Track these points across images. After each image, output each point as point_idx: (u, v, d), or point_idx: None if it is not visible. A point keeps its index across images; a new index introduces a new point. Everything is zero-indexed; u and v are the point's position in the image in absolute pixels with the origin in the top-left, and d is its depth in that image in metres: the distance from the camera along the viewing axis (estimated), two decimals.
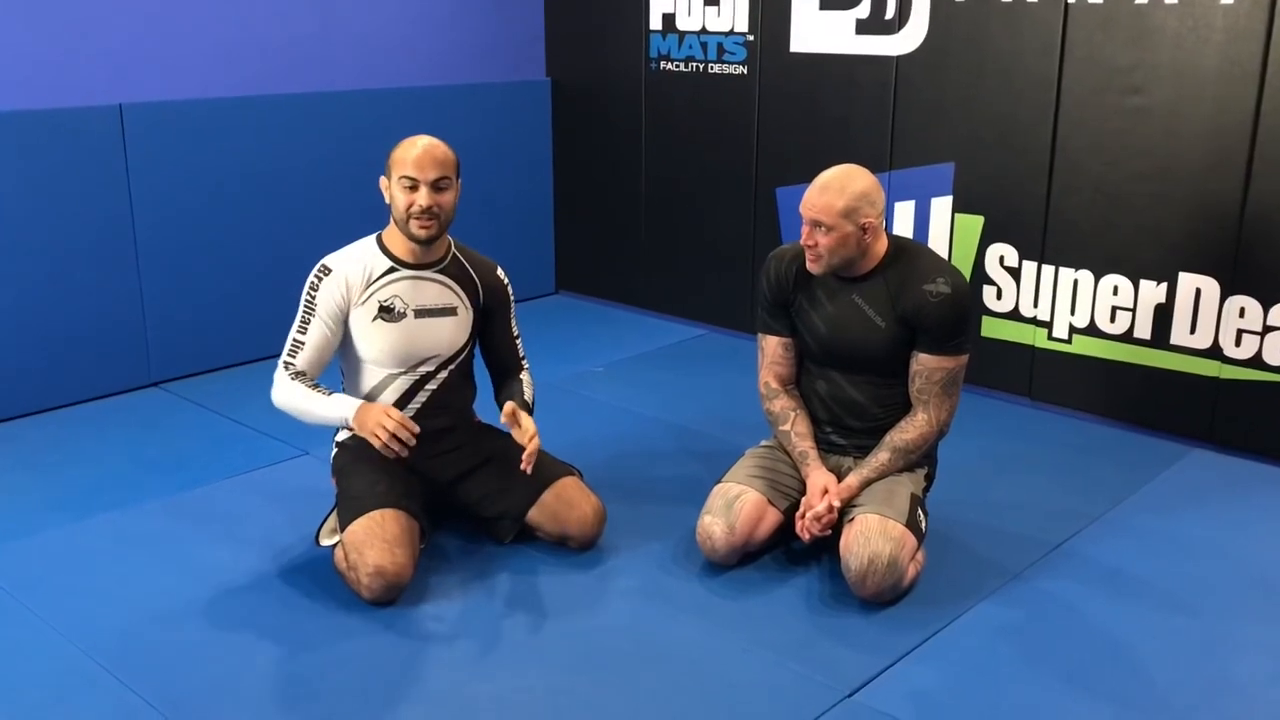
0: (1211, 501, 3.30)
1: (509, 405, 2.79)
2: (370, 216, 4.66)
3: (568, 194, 5.42)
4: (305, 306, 2.83)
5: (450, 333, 2.90)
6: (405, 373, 2.88)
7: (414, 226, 2.76)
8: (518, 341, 3.05)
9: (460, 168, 2.83)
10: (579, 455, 3.20)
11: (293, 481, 3.38)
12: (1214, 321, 3.62)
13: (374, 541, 2.65)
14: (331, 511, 2.87)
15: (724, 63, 4.68)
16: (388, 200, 2.80)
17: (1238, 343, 3.59)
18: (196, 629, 2.60)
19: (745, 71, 4.62)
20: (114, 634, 2.57)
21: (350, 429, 2.77)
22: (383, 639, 2.57)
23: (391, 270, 2.84)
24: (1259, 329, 3.54)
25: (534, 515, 2.92)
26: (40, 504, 3.25)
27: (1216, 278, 3.60)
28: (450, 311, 2.89)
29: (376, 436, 2.64)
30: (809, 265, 2.76)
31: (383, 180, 2.81)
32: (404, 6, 4.80)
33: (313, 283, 2.83)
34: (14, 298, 3.81)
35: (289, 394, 2.79)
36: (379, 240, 2.88)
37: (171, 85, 4.13)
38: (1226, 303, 3.59)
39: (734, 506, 2.80)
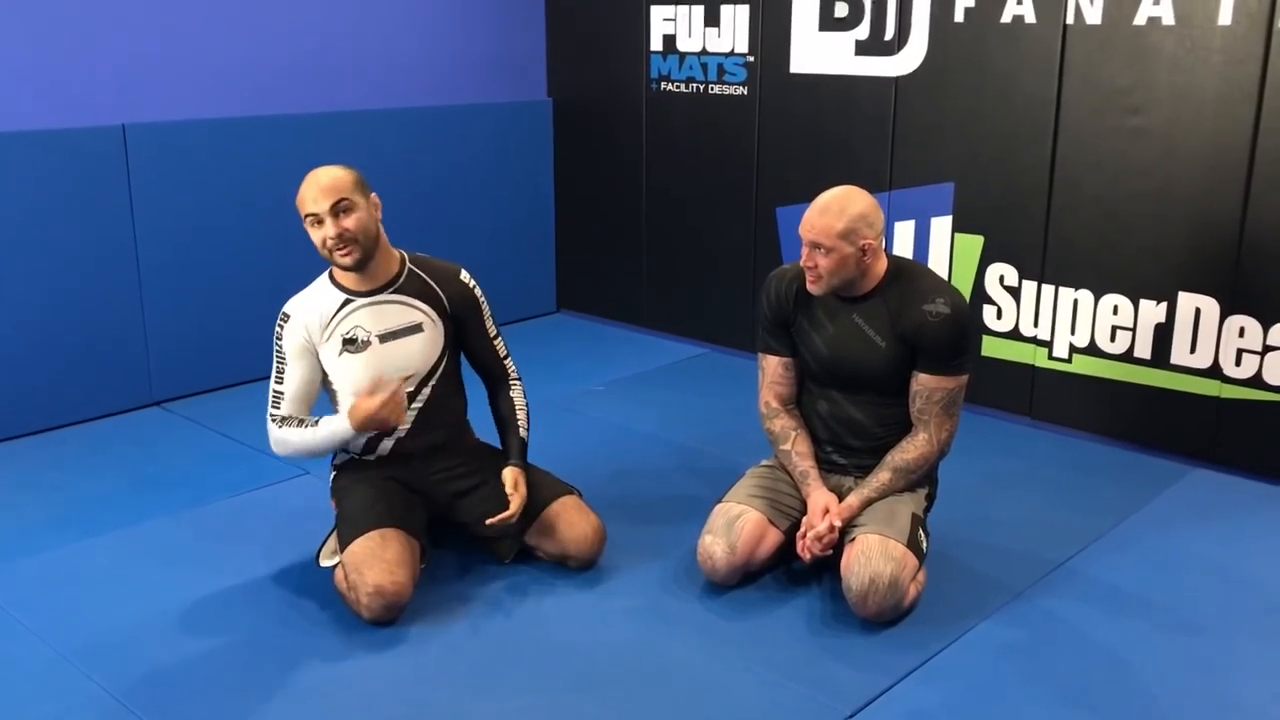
0: (1212, 520, 3.30)
1: (510, 474, 2.85)
2: None
3: (569, 213, 5.43)
4: (277, 357, 2.83)
5: (421, 349, 2.87)
6: None
7: (338, 258, 2.73)
8: (497, 343, 3.00)
9: (364, 184, 2.76)
10: (579, 474, 3.20)
11: (293, 501, 3.38)
12: (1214, 341, 3.63)
13: (373, 561, 2.65)
14: (332, 532, 2.87)
15: (724, 83, 4.70)
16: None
17: (1238, 362, 3.59)
18: (196, 649, 2.60)
19: (745, 92, 4.64)
20: (113, 653, 2.57)
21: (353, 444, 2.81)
22: (383, 659, 2.56)
23: (347, 302, 2.82)
24: (1259, 349, 3.55)
25: (534, 535, 2.92)
26: (41, 523, 3.25)
27: (1216, 297, 3.61)
28: (416, 329, 2.86)
29: (376, 419, 2.69)
30: (809, 286, 2.77)
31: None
32: (406, 27, 4.82)
33: (277, 332, 2.82)
34: (16, 317, 3.82)
35: (285, 441, 2.80)
36: (330, 275, 2.86)
37: (174, 106, 4.15)
38: (1226, 322, 3.60)
39: (735, 526, 2.80)
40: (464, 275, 2.94)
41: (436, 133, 4.85)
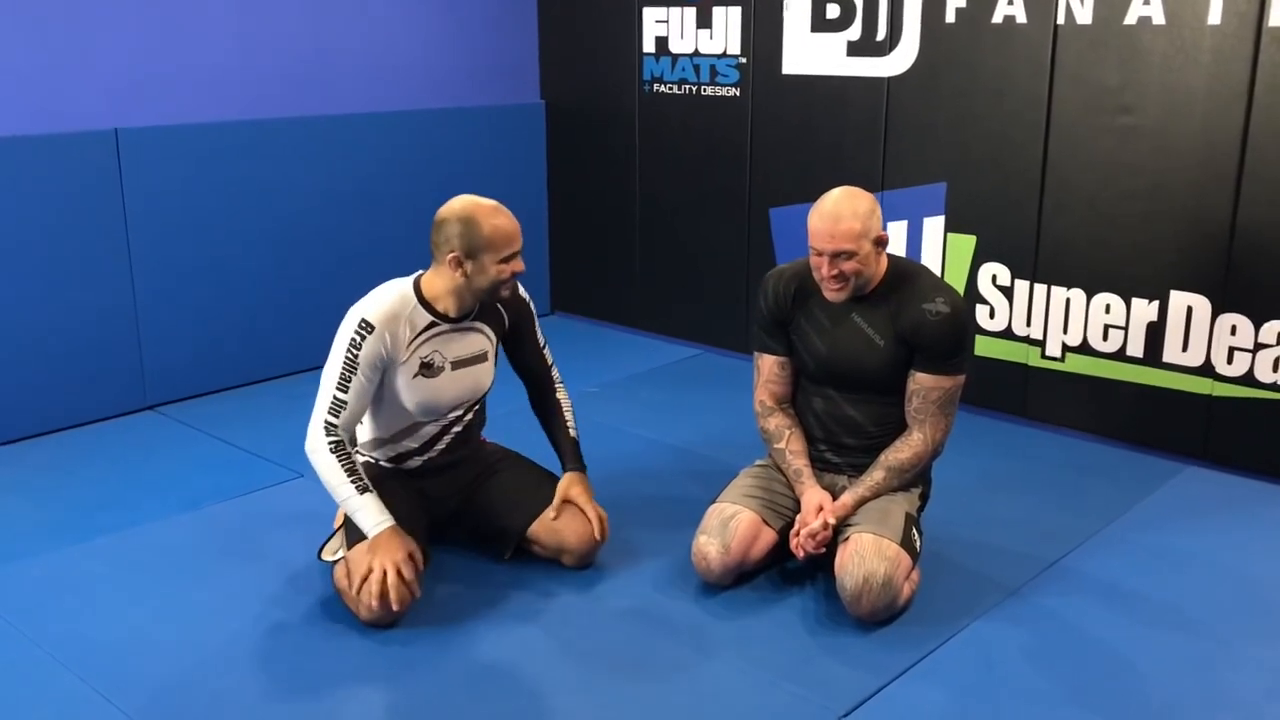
0: (1205, 518, 3.31)
1: (577, 487, 2.93)
2: (365, 239, 4.70)
3: (562, 215, 5.44)
4: (346, 363, 2.70)
5: (481, 378, 2.93)
6: (434, 420, 2.90)
7: (504, 291, 2.81)
8: (545, 350, 3.09)
9: None
10: None
11: (288, 504, 3.37)
12: (1205, 339, 3.64)
13: None
14: (339, 530, 2.86)
15: (717, 85, 4.71)
16: (461, 274, 2.73)
17: (1229, 360, 3.61)
18: (192, 654, 2.60)
19: (738, 93, 4.65)
20: (110, 659, 2.57)
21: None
22: (376, 661, 2.56)
23: (432, 325, 2.80)
24: (1250, 346, 3.56)
25: (535, 528, 2.93)
26: (36, 527, 3.24)
27: (1208, 295, 3.62)
28: (481, 358, 2.91)
29: (370, 573, 2.60)
30: (832, 296, 2.75)
31: (455, 256, 2.71)
32: (399, 30, 4.82)
33: (354, 339, 2.69)
34: (10, 321, 3.81)
35: (325, 466, 2.68)
36: (419, 291, 2.81)
37: (167, 110, 4.14)
38: (1218, 320, 3.61)
39: (729, 526, 2.81)
40: (520, 289, 2.99)
41: (429, 136, 4.85)
